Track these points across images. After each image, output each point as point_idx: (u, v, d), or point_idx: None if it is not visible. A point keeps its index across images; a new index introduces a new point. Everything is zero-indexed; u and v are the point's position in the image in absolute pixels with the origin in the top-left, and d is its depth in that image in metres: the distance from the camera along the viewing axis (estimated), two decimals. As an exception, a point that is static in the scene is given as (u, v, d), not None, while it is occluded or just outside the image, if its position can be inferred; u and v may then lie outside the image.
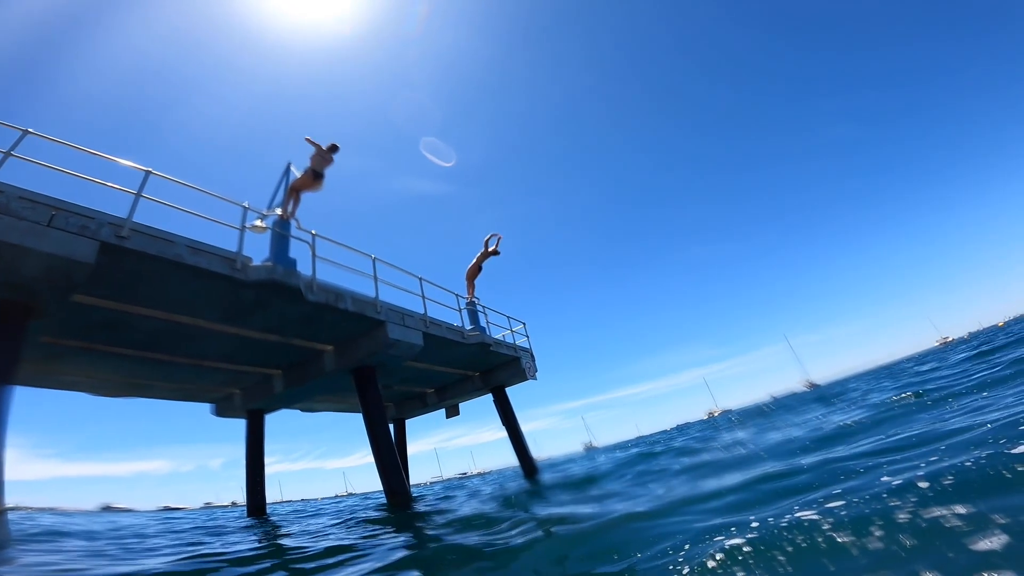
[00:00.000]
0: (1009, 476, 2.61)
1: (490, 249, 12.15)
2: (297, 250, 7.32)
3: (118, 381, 8.88)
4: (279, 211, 7.40)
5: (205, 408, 11.34)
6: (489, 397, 13.45)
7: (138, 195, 5.70)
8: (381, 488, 8.83)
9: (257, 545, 6.05)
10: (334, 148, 8.17)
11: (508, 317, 12.98)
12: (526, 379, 13.13)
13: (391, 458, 8.74)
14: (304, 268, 7.25)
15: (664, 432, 54.82)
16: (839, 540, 2.40)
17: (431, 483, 55.32)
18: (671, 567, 2.56)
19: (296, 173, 7.93)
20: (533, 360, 13.46)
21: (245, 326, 7.70)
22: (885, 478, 3.20)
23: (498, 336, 12.32)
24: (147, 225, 5.56)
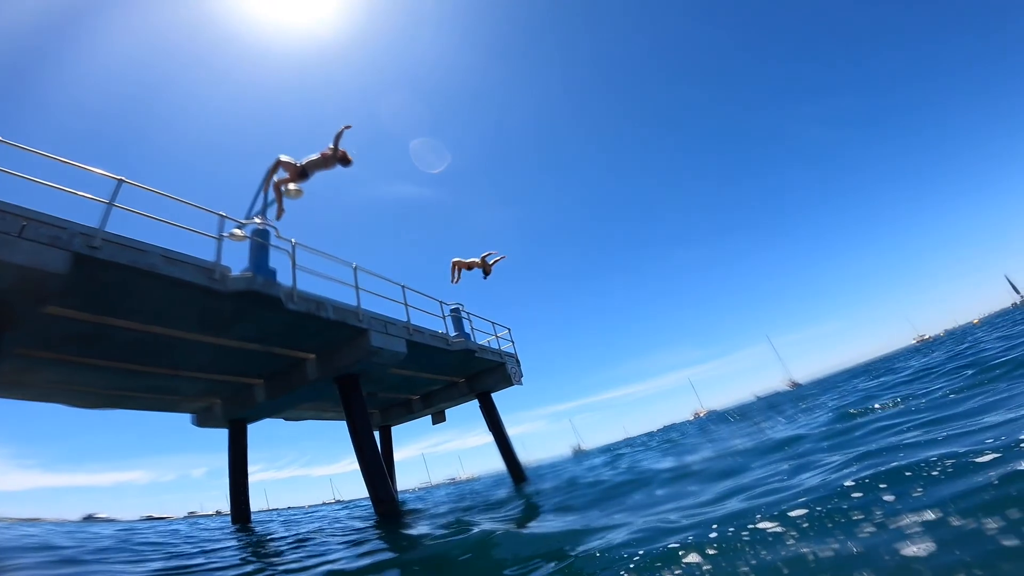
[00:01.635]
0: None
1: (486, 262, 11.55)
2: (277, 260, 7.28)
3: (95, 392, 8.71)
4: (258, 220, 7.35)
5: (186, 418, 11.16)
6: (476, 402, 13.46)
7: (110, 204, 5.61)
8: (368, 495, 8.81)
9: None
10: (346, 159, 7.77)
11: (493, 323, 13.02)
12: (512, 384, 13.16)
13: (377, 466, 8.70)
14: (284, 277, 7.21)
15: (651, 433, 55.27)
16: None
17: (418, 489, 54.98)
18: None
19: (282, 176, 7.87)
20: (518, 365, 13.49)
21: (225, 336, 7.62)
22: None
23: (483, 342, 12.34)
24: (120, 235, 5.49)
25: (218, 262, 6.43)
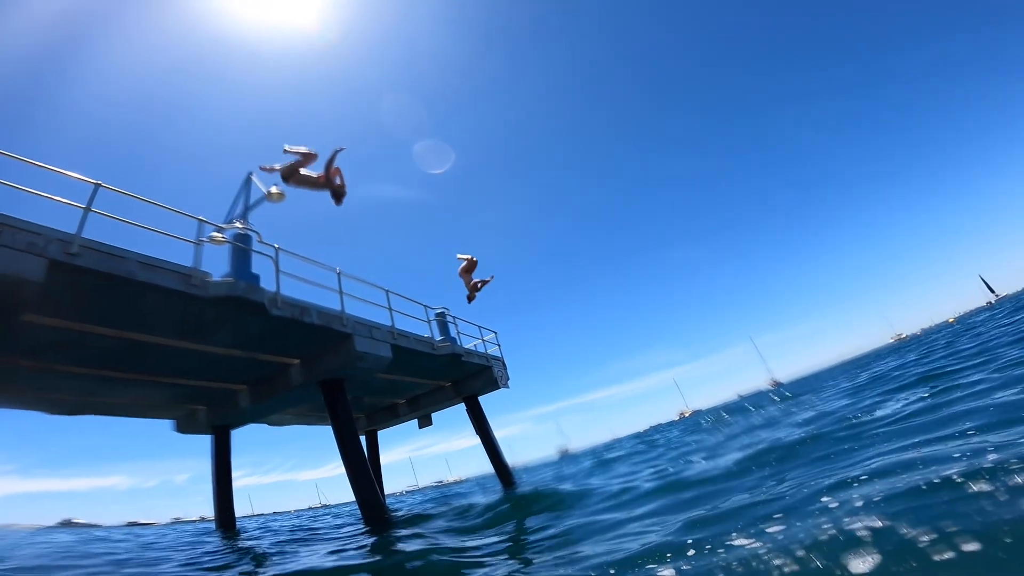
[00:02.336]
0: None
1: (475, 282, 10.88)
2: (260, 265, 7.23)
3: (73, 400, 8.55)
4: (239, 224, 7.29)
5: (168, 423, 11.00)
6: (463, 405, 13.47)
7: (87, 209, 5.54)
8: (355, 500, 8.77)
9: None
10: (339, 195, 7.64)
11: (479, 327, 13.03)
12: (498, 387, 13.20)
13: (363, 470, 8.67)
14: (268, 283, 7.16)
15: (638, 433, 55.66)
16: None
17: (405, 492, 54.65)
18: None
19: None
20: (505, 368, 13.54)
21: (206, 342, 7.53)
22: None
23: (469, 346, 12.36)
24: (98, 241, 5.41)
25: (197, 267, 6.36)
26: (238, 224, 7.30)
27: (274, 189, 8.03)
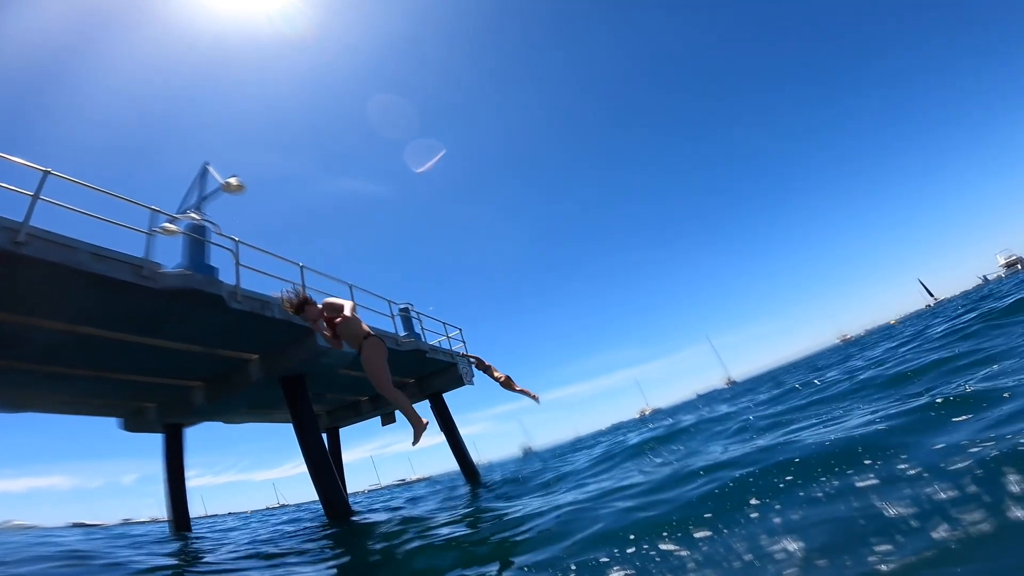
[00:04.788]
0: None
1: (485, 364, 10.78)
2: (219, 258, 7.04)
3: (12, 396, 8.07)
4: (194, 215, 7.07)
5: (113, 422, 10.50)
6: (426, 403, 13.43)
7: (35, 197, 5.28)
8: (317, 499, 8.65)
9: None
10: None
11: (444, 323, 13.04)
12: (463, 384, 13.23)
13: (326, 468, 8.56)
14: (227, 276, 6.98)
15: (600, 432, 56.64)
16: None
17: (367, 492, 53.77)
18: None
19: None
20: (470, 365, 13.56)
21: (158, 336, 7.25)
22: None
23: (434, 342, 12.35)
24: (47, 230, 5.17)
25: (147, 258, 6.13)
26: (193, 215, 7.08)
27: (233, 180, 7.83)
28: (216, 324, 7.28)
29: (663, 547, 2.66)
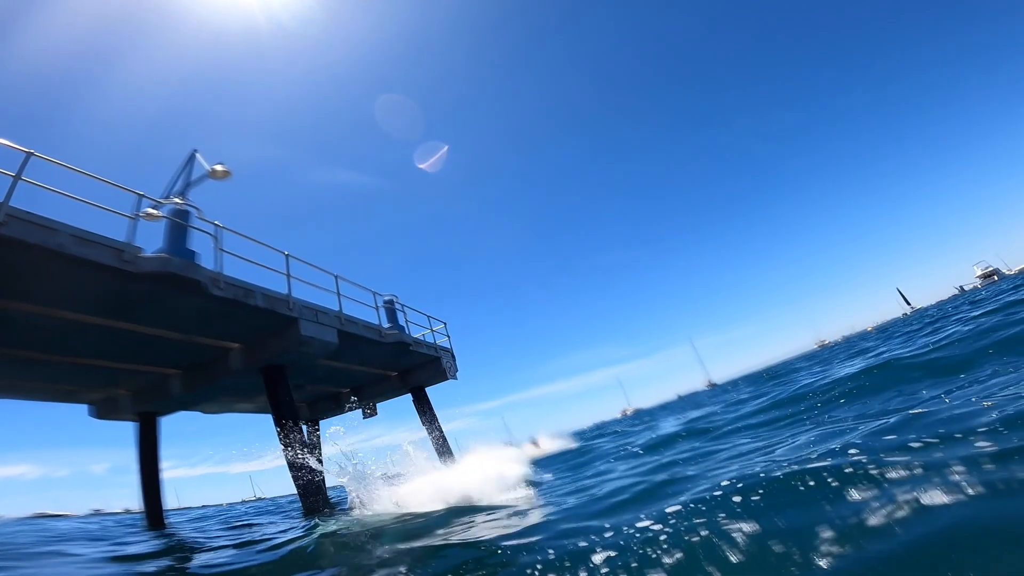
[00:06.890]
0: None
1: None
2: (201, 244, 6.90)
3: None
4: (177, 200, 6.92)
5: (82, 409, 10.22)
6: (409, 397, 13.35)
7: (16, 178, 5.12)
8: (295, 492, 8.53)
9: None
10: None
11: (428, 316, 12.97)
12: (447, 379, 13.18)
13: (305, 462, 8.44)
14: (209, 263, 6.84)
15: (583, 431, 56.86)
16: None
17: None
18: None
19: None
20: (454, 360, 13.54)
21: (135, 321, 7.08)
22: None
23: (418, 335, 12.28)
24: (27, 211, 5.02)
25: (129, 242, 6.00)
26: (176, 200, 6.94)
27: (219, 167, 7.70)
28: (196, 310, 7.14)
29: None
